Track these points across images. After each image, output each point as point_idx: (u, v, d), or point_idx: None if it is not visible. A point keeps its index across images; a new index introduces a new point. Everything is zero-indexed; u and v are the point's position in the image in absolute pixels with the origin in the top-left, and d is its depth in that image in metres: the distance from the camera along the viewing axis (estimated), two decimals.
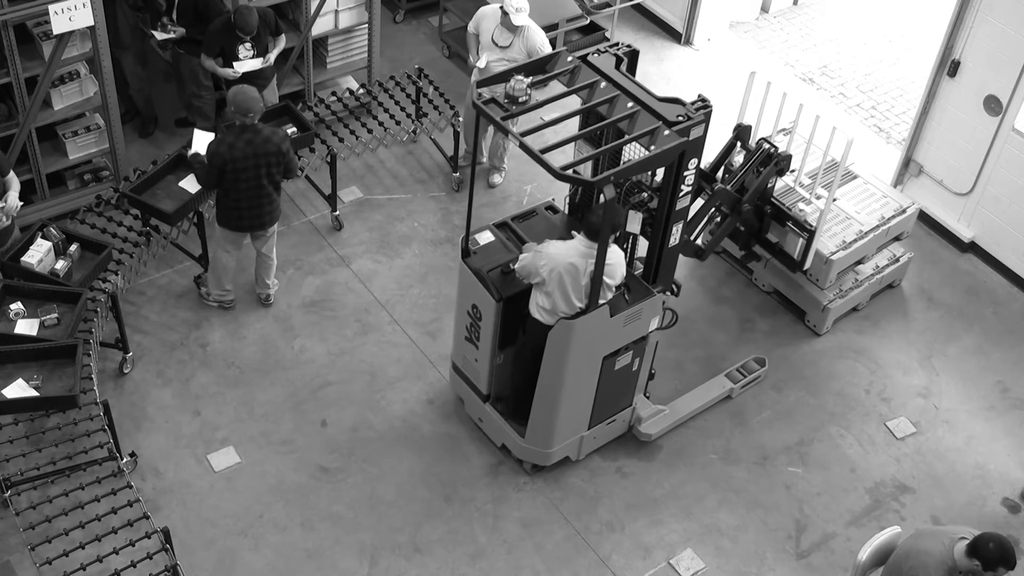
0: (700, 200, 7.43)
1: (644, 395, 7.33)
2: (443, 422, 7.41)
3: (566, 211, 7.19)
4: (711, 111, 6.23)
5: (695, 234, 7.50)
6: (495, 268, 6.66)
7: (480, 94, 6.12)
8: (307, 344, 7.83)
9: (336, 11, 9.00)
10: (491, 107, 6.07)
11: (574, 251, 6.21)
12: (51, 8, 7.10)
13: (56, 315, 6.80)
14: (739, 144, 7.73)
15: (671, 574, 6.77)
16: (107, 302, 7.20)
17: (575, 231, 6.37)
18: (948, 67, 8.56)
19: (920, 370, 8.08)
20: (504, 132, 6.00)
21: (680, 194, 6.37)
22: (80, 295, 6.90)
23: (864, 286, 8.23)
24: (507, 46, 8.39)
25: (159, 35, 8.35)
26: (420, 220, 8.79)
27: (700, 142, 6.24)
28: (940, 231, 9.09)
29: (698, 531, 6.98)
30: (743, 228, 7.94)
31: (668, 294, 6.81)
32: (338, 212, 8.66)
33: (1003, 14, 8.10)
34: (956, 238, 8.98)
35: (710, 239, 7.72)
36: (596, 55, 6.52)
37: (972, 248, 8.95)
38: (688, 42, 10.93)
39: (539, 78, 6.34)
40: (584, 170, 6.68)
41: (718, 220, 7.74)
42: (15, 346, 6.58)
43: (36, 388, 6.45)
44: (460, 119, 8.90)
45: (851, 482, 7.34)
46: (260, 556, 6.62)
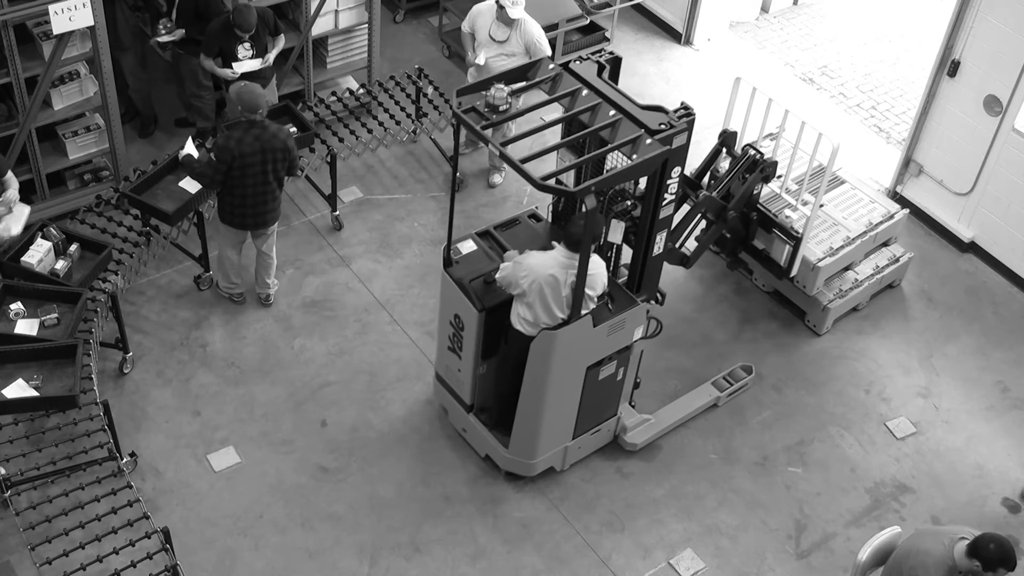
0: (686, 207, 7.38)
1: (629, 404, 7.27)
2: (443, 422, 7.41)
3: (549, 219, 7.11)
4: (694, 119, 6.18)
5: (680, 242, 7.40)
6: (478, 278, 6.58)
7: (460, 103, 6.05)
8: (307, 344, 7.83)
9: (336, 11, 9.00)
10: (471, 116, 5.99)
11: (554, 262, 6.14)
12: (51, 8, 7.10)
13: (56, 315, 6.80)
14: (725, 150, 7.64)
15: (671, 574, 6.77)
16: (107, 302, 7.20)
17: (555, 241, 6.31)
18: (948, 67, 8.56)
19: (920, 370, 8.08)
20: (484, 141, 5.92)
21: (663, 202, 6.31)
22: (80, 295, 6.90)
23: (864, 286, 8.22)
24: (504, 40, 8.40)
25: (160, 39, 8.35)
26: (420, 220, 8.79)
27: (683, 150, 6.18)
28: (940, 231, 9.09)
29: (698, 531, 6.98)
30: (729, 235, 7.88)
31: (653, 303, 6.75)
32: (338, 212, 8.67)
33: (1003, 14, 8.10)
34: (956, 238, 8.98)
35: (696, 246, 7.62)
36: (578, 62, 6.46)
37: (972, 248, 8.95)
38: (688, 42, 10.93)
39: (520, 86, 6.27)
40: (568, 179, 6.64)
41: (704, 227, 7.66)
42: (15, 346, 6.58)
43: (36, 388, 6.45)
44: None
45: (851, 482, 7.34)
46: (260, 556, 6.62)
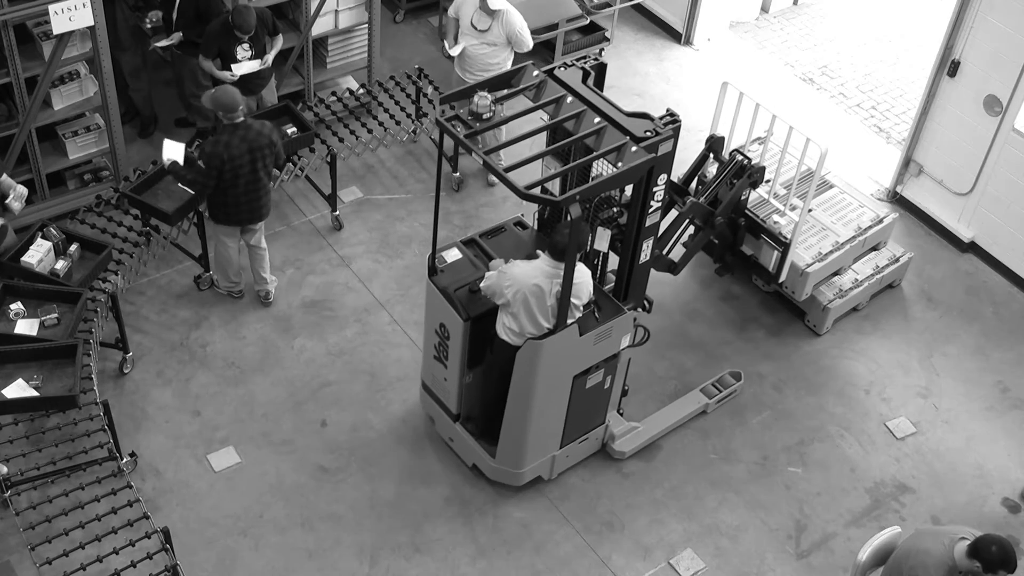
0: (674, 212, 7.33)
1: (617, 412, 7.23)
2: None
3: (535, 227, 7.06)
4: (679, 126, 6.12)
5: (668, 248, 7.34)
6: (463, 286, 6.51)
7: (443, 111, 5.99)
8: (307, 344, 7.83)
9: (336, 11, 9.00)
10: (455, 124, 5.92)
11: (539, 271, 6.07)
12: (51, 8, 7.10)
13: (56, 315, 6.80)
14: (712, 155, 7.58)
15: (671, 574, 6.77)
16: (107, 302, 7.20)
17: (540, 250, 6.24)
18: (948, 67, 8.56)
19: (920, 370, 8.08)
20: (467, 150, 5.85)
21: (650, 210, 6.26)
22: (80, 295, 6.91)
23: (864, 286, 8.22)
24: (486, 30, 8.40)
25: (161, 42, 8.35)
26: (420, 220, 8.78)
27: (669, 157, 6.12)
28: (940, 231, 9.09)
29: (698, 531, 6.98)
30: (717, 241, 7.84)
31: (640, 310, 6.70)
32: (338, 212, 8.66)
33: (1003, 14, 8.10)
34: (956, 238, 8.98)
35: (684, 252, 7.56)
36: (563, 69, 6.40)
37: (972, 248, 8.95)
38: (688, 42, 10.93)
39: (504, 93, 6.21)
40: (555, 186, 6.61)
41: (692, 233, 7.61)
42: (15, 346, 6.58)
43: (36, 388, 6.45)
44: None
45: (851, 482, 7.34)
46: (260, 556, 6.62)
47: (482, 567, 6.68)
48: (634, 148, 5.93)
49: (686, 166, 7.88)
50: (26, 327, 6.75)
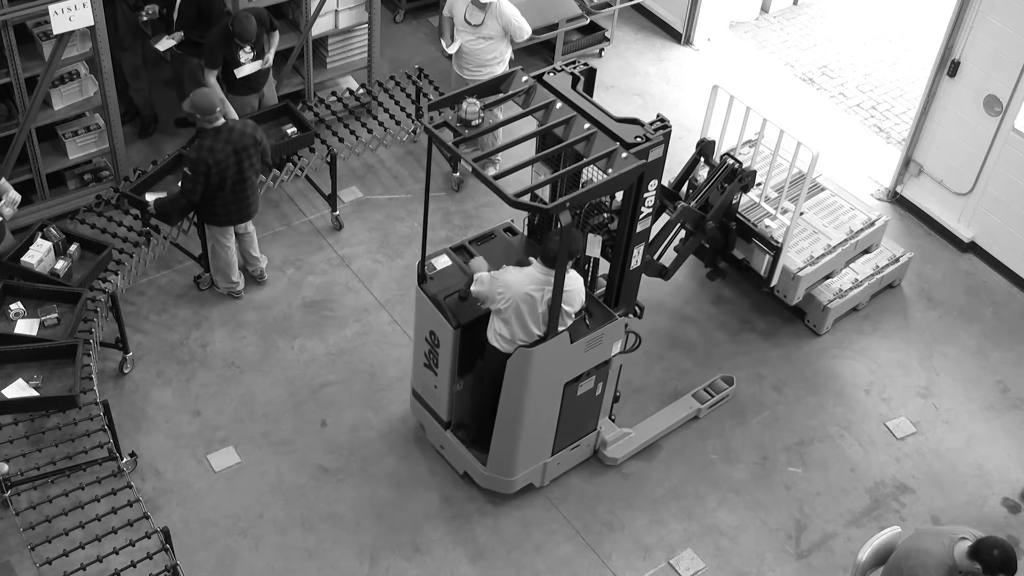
0: (665, 216, 7.26)
1: (609, 418, 7.20)
2: None
3: (525, 232, 7.02)
4: (670, 131, 6.07)
5: (659, 254, 7.27)
6: (452, 294, 6.46)
7: (432, 117, 5.93)
8: (307, 344, 7.83)
9: (336, 11, 9.00)
10: (443, 131, 5.86)
11: (531, 279, 6.02)
12: (51, 8, 7.10)
13: (56, 315, 6.80)
14: (703, 159, 7.51)
15: (671, 574, 6.77)
16: (107, 302, 7.20)
17: (532, 256, 6.19)
18: (948, 67, 8.56)
19: (920, 370, 8.08)
20: (456, 157, 5.79)
21: (640, 216, 6.21)
22: (80, 295, 6.91)
23: (864, 286, 8.22)
24: (479, 24, 8.38)
25: (162, 44, 8.35)
26: (420, 220, 8.74)
27: (659, 163, 6.07)
28: (940, 231, 9.09)
29: (698, 531, 6.98)
30: (708, 245, 7.79)
31: (631, 316, 6.67)
32: (338, 212, 8.67)
33: (1003, 14, 8.10)
34: (956, 238, 8.98)
35: (675, 257, 7.49)
36: (552, 74, 6.35)
37: (972, 248, 8.95)
38: (688, 42, 10.93)
39: (493, 100, 6.15)
40: (545, 193, 6.56)
41: (683, 237, 7.55)
42: (15, 346, 6.59)
43: (36, 388, 6.45)
44: None
45: (851, 482, 7.34)
46: (260, 556, 6.62)
47: (482, 567, 6.68)
48: (624, 154, 5.86)
49: (674, 170, 7.82)
50: (26, 327, 6.75)
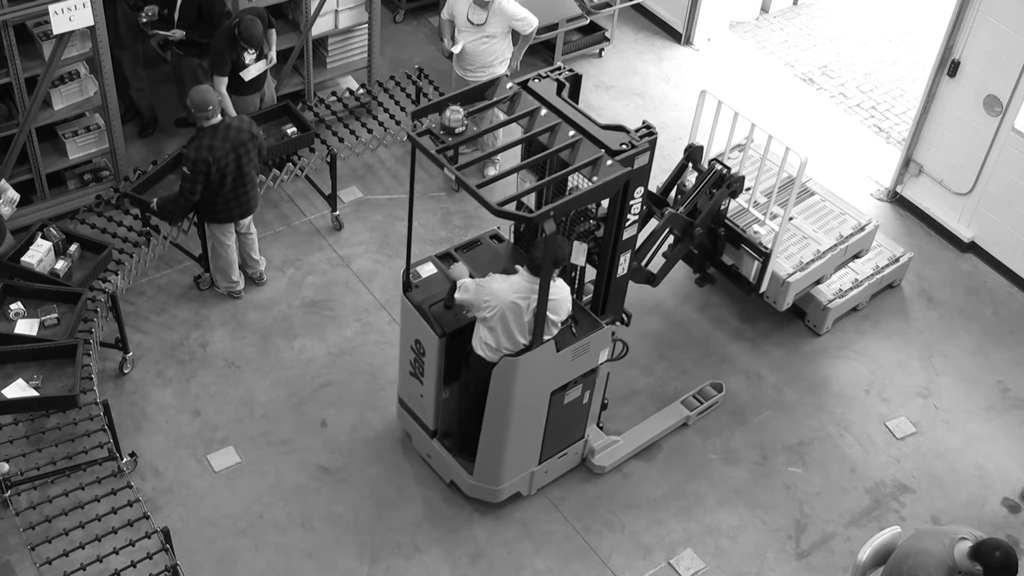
0: (653, 223, 7.21)
1: (597, 426, 7.16)
2: None
3: (511, 240, 6.95)
4: (656, 139, 6.01)
5: (647, 260, 7.20)
6: (438, 302, 6.41)
7: (415, 125, 5.94)
8: (307, 344, 7.83)
9: (336, 11, 9.00)
10: (426, 139, 5.81)
11: (517, 287, 5.98)
12: (51, 8, 7.10)
13: (56, 315, 6.80)
14: (691, 165, 7.42)
15: (671, 574, 6.77)
16: (107, 302, 7.21)
17: (519, 264, 6.16)
18: (948, 67, 8.56)
19: (920, 370, 8.08)
20: (440, 165, 5.72)
21: (626, 224, 6.15)
22: (80, 295, 6.91)
23: (864, 286, 8.22)
24: (482, 23, 8.36)
25: (159, 33, 8.36)
26: (420, 220, 8.78)
27: (645, 171, 5.99)
28: (940, 231, 9.09)
29: (698, 531, 6.98)
30: (697, 251, 7.72)
31: (619, 324, 6.62)
32: (338, 212, 8.67)
33: (1003, 14, 8.10)
34: (956, 238, 8.98)
35: (663, 263, 7.42)
36: (537, 80, 6.29)
37: (972, 248, 8.95)
38: (688, 42, 10.94)
39: (477, 107, 6.09)
40: (531, 200, 6.52)
41: (672, 243, 7.49)
42: (15, 346, 6.59)
43: (36, 388, 6.45)
44: None
45: (851, 482, 7.34)
46: (260, 556, 6.62)
47: (482, 567, 6.68)
48: (609, 162, 5.79)
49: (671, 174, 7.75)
50: (26, 327, 6.75)
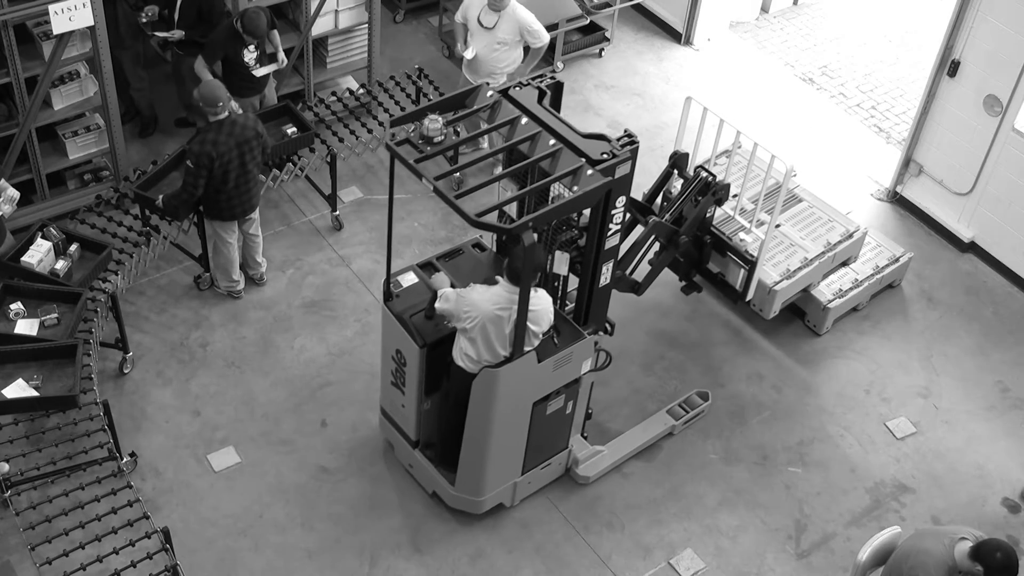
0: (638, 230, 7.13)
1: (581, 435, 7.08)
2: None
3: (494, 248, 6.85)
4: (637, 147, 5.94)
5: (631, 269, 7.12)
6: (419, 312, 6.33)
7: (393, 134, 5.87)
8: (307, 344, 7.83)
9: (336, 11, 9.00)
10: (405, 148, 5.73)
11: (498, 299, 5.89)
12: (51, 8, 7.10)
13: (56, 315, 6.80)
14: (676, 172, 7.34)
15: (671, 574, 6.77)
16: (107, 302, 7.21)
17: (499, 275, 6.05)
18: (948, 67, 8.56)
19: (920, 370, 8.08)
20: (418, 175, 5.66)
21: (609, 233, 6.08)
22: (80, 295, 6.91)
23: (864, 286, 8.22)
24: (492, 27, 8.35)
25: (158, 34, 8.37)
26: (420, 220, 8.79)
27: (627, 180, 5.94)
28: (940, 231, 9.09)
29: (698, 531, 6.98)
30: (683, 259, 7.64)
31: (602, 334, 6.57)
32: (338, 212, 8.67)
33: (1003, 14, 8.10)
34: (956, 238, 8.98)
35: (648, 271, 7.33)
36: (518, 88, 6.20)
37: (972, 248, 8.95)
38: (688, 42, 10.94)
39: (457, 115, 6.02)
40: (513, 209, 6.47)
41: (657, 250, 7.39)
42: (15, 346, 6.59)
43: (36, 388, 6.45)
44: None
45: (851, 482, 7.34)
46: (260, 556, 6.62)
47: (482, 567, 6.68)
48: (590, 171, 5.73)
49: (655, 182, 7.64)
50: (26, 327, 6.75)
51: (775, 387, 7.87)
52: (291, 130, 8.27)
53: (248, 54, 8.10)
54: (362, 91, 9.18)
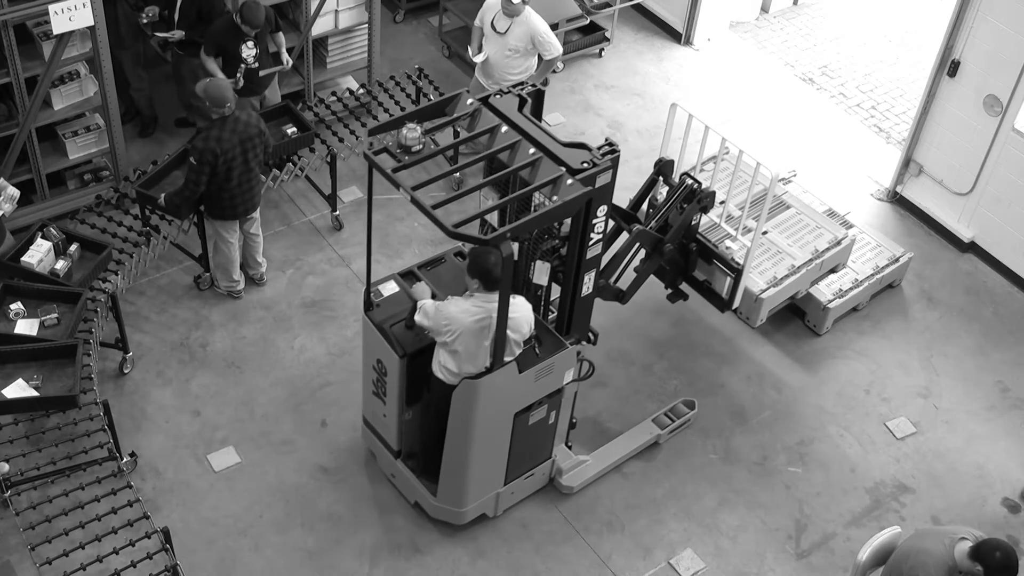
0: (623, 237, 7.06)
1: (566, 445, 7.03)
2: None
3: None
4: (618, 156, 5.89)
5: (615, 277, 7.01)
6: (399, 322, 6.26)
7: (371, 143, 5.74)
8: (307, 344, 7.83)
9: (336, 11, 9.00)
10: (382, 158, 5.64)
11: (475, 310, 5.82)
12: (51, 8, 7.10)
13: (56, 315, 6.80)
14: (662, 179, 7.24)
15: (671, 574, 6.77)
16: (107, 302, 7.21)
17: (473, 282, 5.93)
18: (948, 67, 8.56)
19: (920, 370, 8.08)
20: (395, 185, 5.59)
21: (590, 243, 6.01)
22: (80, 295, 6.91)
23: (864, 286, 8.22)
24: (504, 32, 8.35)
25: (158, 35, 8.38)
26: (420, 220, 8.78)
27: (608, 189, 5.88)
28: (940, 231, 9.09)
29: (698, 531, 6.98)
30: (668, 267, 7.52)
31: (584, 343, 6.51)
32: (338, 212, 8.67)
33: (1003, 14, 8.10)
34: (956, 238, 8.98)
35: (633, 279, 7.23)
36: (498, 96, 6.14)
37: (972, 248, 8.95)
38: (688, 42, 10.94)
39: (436, 123, 5.95)
40: (495, 218, 6.39)
41: (643, 257, 7.28)
42: (15, 346, 6.59)
43: (36, 388, 6.45)
44: None
45: (851, 482, 7.34)
46: (260, 556, 6.62)
47: (482, 567, 6.68)
48: (570, 181, 5.63)
49: (640, 189, 7.50)
50: (26, 327, 6.75)
51: (775, 387, 7.87)
52: (291, 130, 8.27)
53: (247, 50, 8.09)
54: (362, 91, 9.19)
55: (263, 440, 7.23)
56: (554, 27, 9.88)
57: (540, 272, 6.29)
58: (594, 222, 5.96)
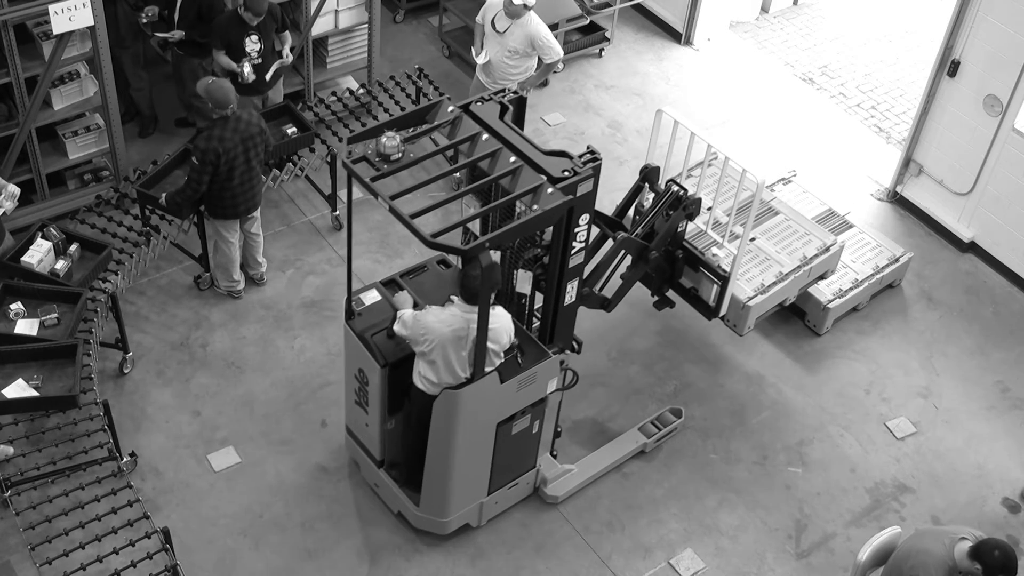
0: (610, 243, 6.99)
1: (551, 454, 6.97)
2: None
3: (459, 265, 6.62)
4: (600, 164, 5.83)
5: (601, 285, 6.95)
6: (381, 331, 6.21)
7: (351, 151, 5.67)
8: (307, 344, 7.83)
9: (336, 11, 9.00)
10: (361, 166, 5.57)
11: (454, 321, 5.78)
12: (51, 8, 7.10)
13: (56, 315, 6.80)
14: (648, 186, 7.13)
15: (671, 574, 6.77)
16: (107, 302, 7.21)
17: (454, 295, 5.94)
18: (948, 67, 8.56)
19: (920, 370, 8.08)
20: (373, 194, 5.51)
21: (573, 251, 5.95)
22: (80, 295, 6.91)
23: (864, 286, 8.22)
24: (504, 32, 8.34)
25: (158, 35, 8.37)
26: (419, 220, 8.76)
27: (590, 197, 5.80)
28: (940, 231, 9.09)
29: (698, 531, 6.98)
30: (654, 274, 7.45)
31: (568, 352, 6.45)
32: (338, 212, 8.67)
33: (1003, 14, 8.10)
34: (956, 238, 8.98)
35: (619, 287, 7.16)
36: (479, 104, 6.08)
37: (972, 248, 8.95)
38: (688, 42, 10.94)
39: (416, 132, 5.90)
40: (476, 226, 6.38)
41: (629, 264, 7.20)
42: (15, 346, 6.58)
43: (36, 388, 6.45)
44: None
45: (851, 482, 7.34)
46: (260, 556, 6.62)
47: (482, 567, 6.68)
48: (550, 190, 5.57)
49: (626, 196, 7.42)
50: (26, 327, 6.75)
51: (775, 387, 7.87)
52: (291, 130, 8.27)
53: (251, 44, 8.08)
54: (362, 91, 9.18)
55: (263, 440, 7.23)
56: (554, 27, 9.91)
57: (523, 281, 6.25)
58: (576, 231, 5.89)
